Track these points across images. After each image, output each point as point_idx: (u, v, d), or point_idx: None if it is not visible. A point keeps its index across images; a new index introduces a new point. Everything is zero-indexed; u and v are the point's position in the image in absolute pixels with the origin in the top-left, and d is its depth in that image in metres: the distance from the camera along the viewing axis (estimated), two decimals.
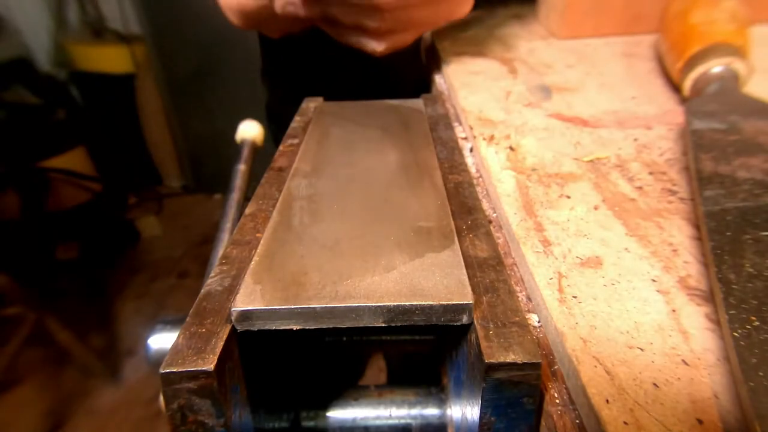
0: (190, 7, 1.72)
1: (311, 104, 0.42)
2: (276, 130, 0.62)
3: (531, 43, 0.53)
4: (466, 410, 0.20)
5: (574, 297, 0.21)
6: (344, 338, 0.28)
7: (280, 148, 0.34)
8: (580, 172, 0.30)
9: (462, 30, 0.57)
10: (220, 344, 0.17)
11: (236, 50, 1.66)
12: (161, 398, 0.17)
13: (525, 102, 0.40)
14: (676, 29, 0.39)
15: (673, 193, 0.28)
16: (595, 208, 0.27)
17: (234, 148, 0.45)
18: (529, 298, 0.23)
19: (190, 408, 0.17)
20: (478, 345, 0.17)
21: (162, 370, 0.17)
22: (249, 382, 0.21)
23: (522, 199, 0.28)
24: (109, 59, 1.92)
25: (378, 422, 0.24)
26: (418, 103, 0.41)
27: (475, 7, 0.43)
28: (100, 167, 1.89)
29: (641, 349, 0.18)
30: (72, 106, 1.91)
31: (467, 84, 0.43)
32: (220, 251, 0.32)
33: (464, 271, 0.20)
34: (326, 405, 0.24)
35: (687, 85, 0.36)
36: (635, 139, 0.34)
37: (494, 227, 0.28)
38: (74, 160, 1.77)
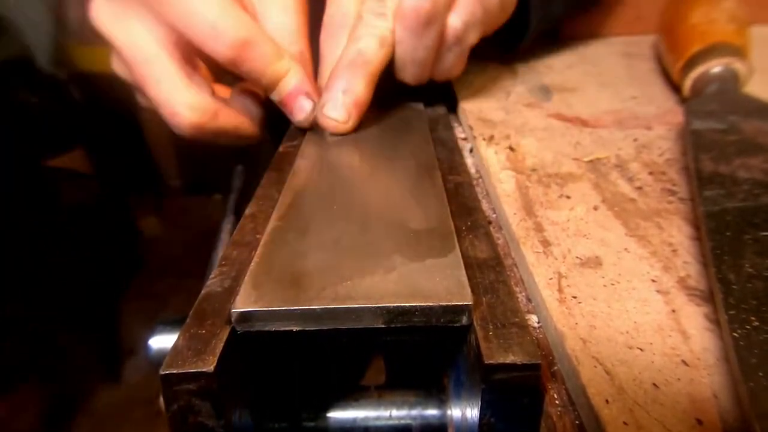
0: None
1: None
2: (275, 130, 0.61)
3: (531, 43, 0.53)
4: (466, 411, 0.20)
5: (574, 297, 0.21)
6: (344, 339, 0.28)
7: (280, 149, 0.34)
8: (579, 172, 0.30)
9: None
10: (220, 346, 0.17)
11: None
12: (161, 399, 0.17)
13: (525, 102, 0.40)
14: (676, 29, 0.39)
15: (672, 193, 0.28)
16: (595, 208, 0.27)
17: (234, 149, 0.45)
18: (528, 299, 0.23)
19: (191, 409, 0.17)
20: (478, 346, 0.17)
21: (162, 372, 0.17)
22: (249, 383, 0.21)
23: (522, 200, 0.28)
24: (109, 59, 1.91)
25: (378, 423, 0.24)
26: (418, 103, 0.41)
27: None
28: (100, 167, 1.89)
29: (641, 350, 0.18)
30: (72, 106, 1.90)
31: (467, 84, 0.43)
32: (220, 252, 0.32)
33: (464, 272, 0.20)
34: (326, 406, 0.24)
35: (687, 85, 0.36)
36: (635, 139, 0.34)
37: (494, 228, 0.28)
38: (74, 160, 1.77)
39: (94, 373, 1.38)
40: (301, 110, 0.35)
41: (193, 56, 0.35)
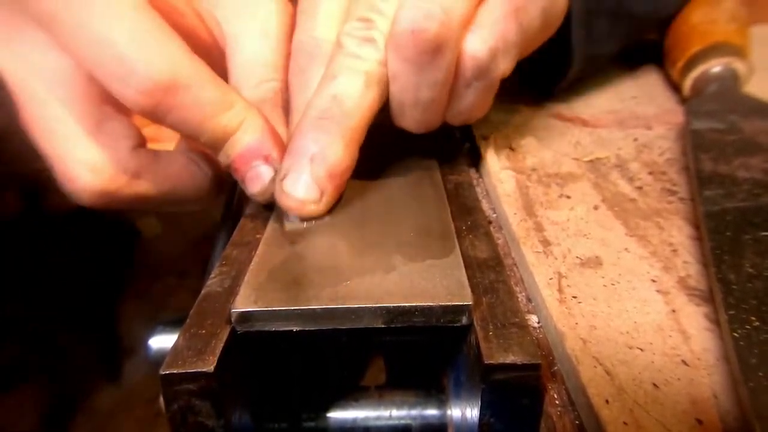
0: None
1: None
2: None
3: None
4: (465, 411, 0.20)
5: (574, 297, 0.21)
6: (344, 339, 0.28)
7: None
8: (579, 172, 0.30)
9: None
10: (220, 346, 0.17)
11: None
12: (161, 399, 0.17)
13: (525, 101, 0.40)
14: (676, 29, 0.39)
15: (672, 193, 0.28)
16: (595, 208, 0.27)
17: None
18: (528, 299, 0.23)
19: (190, 409, 0.17)
20: (478, 346, 0.17)
21: (162, 372, 0.17)
22: (249, 383, 0.21)
23: (522, 199, 0.28)
24: None
25: (378, 423, 0.24)
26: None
27: None
28: None
29: (641, 350, 0.18)
30: None
31: None
32: (220, 252, 0.32)
33: (464, 272, 0.20)
34: (327, 406, 0.24)
35: (687, 84, 0.36)
36: (635, 139, 0.34)
37: (494, 228, 0.28)
38: None
39: (94, 373, 1.38)
40: (256, 180, 0.25)
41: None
